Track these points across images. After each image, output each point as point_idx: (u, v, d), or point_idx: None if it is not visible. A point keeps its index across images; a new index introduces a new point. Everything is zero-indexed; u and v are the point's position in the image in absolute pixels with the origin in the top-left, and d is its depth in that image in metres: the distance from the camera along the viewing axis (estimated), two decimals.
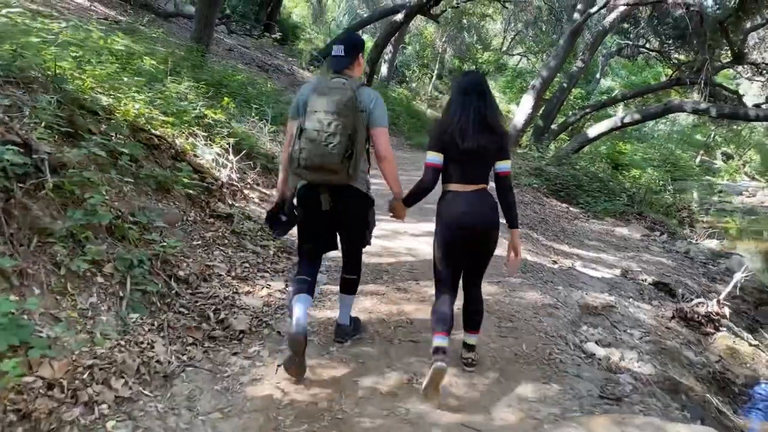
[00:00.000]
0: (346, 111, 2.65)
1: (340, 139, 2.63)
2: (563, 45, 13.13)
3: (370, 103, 2.82)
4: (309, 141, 2.66)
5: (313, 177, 2.76)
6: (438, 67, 25.41)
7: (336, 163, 2.65)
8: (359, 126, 2.71)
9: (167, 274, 3.51)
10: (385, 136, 2.86)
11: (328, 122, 2.63)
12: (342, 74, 2.86)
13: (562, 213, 8.92)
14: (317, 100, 2.70)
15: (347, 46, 2.91)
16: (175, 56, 8.99)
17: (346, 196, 2.85)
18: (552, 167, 10.61)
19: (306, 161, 2.68)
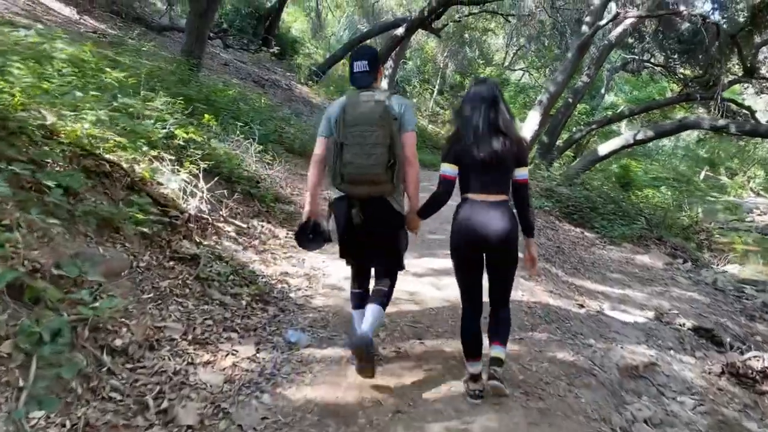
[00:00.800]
0: (383, 121, 2.72)
1: (382, 150, 2.70)
2: (570, 59, 12.37)
3: (400, 108, 2.84)
4: (352, 155, 2.71)
5: (357, 190, 2.81)
6: (439, 82, 24.70)
7: (380, 173, 2.71)
8: (395, 134, 2.77)
9: (98, 344, 2.67)
10: (413, 140, 2.88)
11: (368, 135, 2.70)
12: (368, 88, 2.88)
13: (577, 239, 8.07)
14: (354, 114, 2.76)
15: (370, 60, 2.92)
16: (163, 71, 8.23)
17: (377, 207, 2.86)
18: (563, 187, 9.77)
19: (350, 175, 2.74)
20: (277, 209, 5.69)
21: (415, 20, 16.65)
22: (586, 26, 12.45)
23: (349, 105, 2.81)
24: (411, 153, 2.85)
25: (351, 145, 2.71)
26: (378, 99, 2.77)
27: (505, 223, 2.69)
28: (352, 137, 2.71)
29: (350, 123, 2.74)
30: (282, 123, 11.11)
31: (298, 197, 6.51)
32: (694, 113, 25.32)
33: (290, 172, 7.55)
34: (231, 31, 18.69)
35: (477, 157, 2.69)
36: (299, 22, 22.47)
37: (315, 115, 14.76)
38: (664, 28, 18.65)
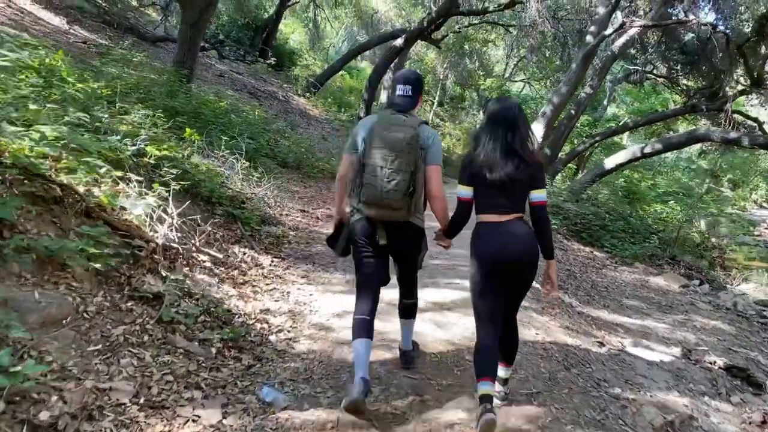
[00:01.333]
0: (409, 149, 2.65)
1: (403, 177, 2.63)
2: (575, 70, 11.88)
3: (428, 140, 2.76)
4: (372, 177, 2.65)
5: (373, 213, 2.73)
6: (439, 93, 24.25)
7: (398, 200, 2.65)
8: (419, 163, 2.70)
9: (18, 420, 2.11)
10: (438, 174, 2.80)
11: (392, 159, 2.63)
12: (404, 113, 2.80)
13: (588, 260, 7.51)
14: (381, 137, 2.68)
15: (414, 86, 2.87)
16: (150, 82, 7.74)
17: (402, 231, 2.82)
18: (570, 203, 9.23)
19: (367, 197, 2.68)
20: (263, 232, 5.15)
21: (415, 31, 16.19)
22: (591, 36, 11.97)
23: (379, 126, 2.73)
24: (435, 188, 2.78)
25: (373, 167, 2.65)
26: (410, 125, 2.70)
27: (524, 241, 2.64)
28: (374, 159, 2.65)
29: (377, 145, 2.67)
30: (276, 136, 10.60)
31: (287, 217, 5.97)
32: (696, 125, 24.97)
33: (281, 189, 7.01)
34: (227, 42, 18.25)
35: (490, 179, 2.61)
36: (297, 33, 22.05)
37: (312, 128, 14.28)
38: (667, 38, 18.26)
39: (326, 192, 8.41)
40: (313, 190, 8.06)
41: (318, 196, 7.76)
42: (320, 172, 9.76)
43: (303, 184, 8.25)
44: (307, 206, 6.75)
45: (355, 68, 23.18)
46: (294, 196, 7.00)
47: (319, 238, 5.52)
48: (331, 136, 14.35)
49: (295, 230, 5.50)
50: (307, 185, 8.31)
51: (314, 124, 14.70)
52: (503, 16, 17.96)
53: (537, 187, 2.66)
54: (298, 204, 6.68)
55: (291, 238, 5.28)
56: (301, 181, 8.43)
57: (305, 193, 7.49)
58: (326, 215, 6.53)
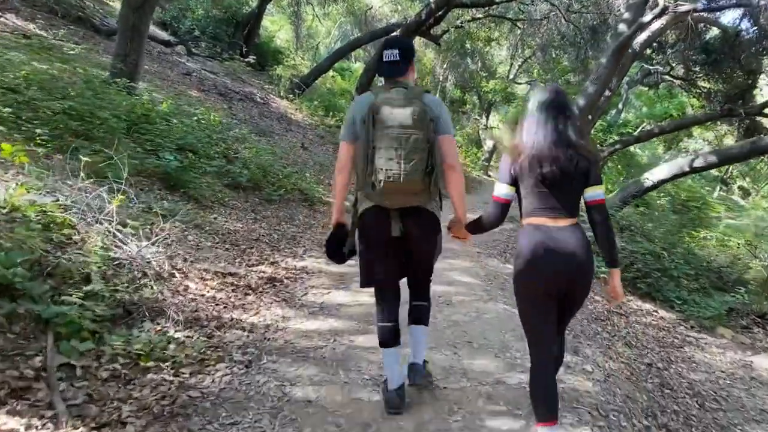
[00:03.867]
0: (422, 123, 2.21)
1: (421, 155, 2.20)
2: (604, 64, 9.35)
3: (437, 109, 2.32)
4: (387, 160, 2.19)
5: (392, 201, 2.31)
6: (438, 96, 21.73)
7: (417, 181, 2.21)
8: (433, 137, 2.25)
9: None
10: (454, 143, 2.37)
11: (405, 138, 2.19)
12: (398, 82, 2.34)
13: (660, 331, 4.97)
14: (386, 115, 2.22)
15: (402, 49, 2.38)
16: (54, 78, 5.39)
17: (418, 219, 2.38)
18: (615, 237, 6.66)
19: (384, 183, 2.20)
20: (108, 350, 2.56)
21: (411, 25, 13.64)
22: (624, 25, 9.42)
23: (380, 103, 2.23)
24: (453, 158, 2.34)
25: (385, 149, 2.18)
26: (413, 97, 2.25)
27: (582, 250, 2.13)
28: (387, 140, 2.18)
29: (384, 124, 2.20)
30: (237, 145, 8.05)
31: (185, 295, 3.38)
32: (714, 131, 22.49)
33: (203, 233, 4.45)
34: (203, 38, 15.70)
35: (541, 175, 2.13)
36: (284, 31, 19.50)
37: (290, 135, 11.70)
38: (689, 36, 15.85)
39: (288, 226, 5.85)
40: (266, 225, 5.50)
41: (270, 235, 5.20)
42: (287, 193, 7.21)
43: (253, 215, 5.69)
44: (241, 261, 4.18)
45: (348, 69, 20.62)
46: (222, 242, 4.44)
47: (235, 341, 2.97)
48: (313, 144, 11.78)
49: (190, 327, 2.94)
50: (260, 217, 5.75)
51: (294, 130, 12.14)
52: (510, 9, 15.40)
53: (593, 183, 2.16)
54: (225, 258, 4.12)
55: (168, 354, 2.69)
56: (252, 210, 5.87)
57: (249, 234, 4.92)
58: (269, 278, 3.98)
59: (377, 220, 2.36)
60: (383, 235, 2.38)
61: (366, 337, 3.14)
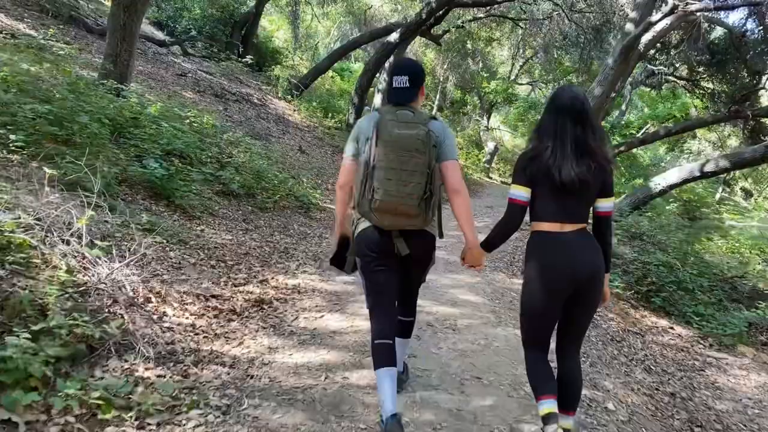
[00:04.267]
0: (424, 147, 2.17)
1: (420, 180, 2.16)
2: (611, 65, 8.98)
3: (441, 136, 2.27)
4: (385, 181, 2.16)
5: (386, 221, 2.24)
6: (439, 98, 21.26)
7: (413, 206, 2.17)
8: (434, 163, 2.21)
9: None
10: (458, 168, 2.32)
11: (406, 160, 2.15)
12: (407, 107, 2.30)
13: (679, 351, 4.59)
14: (391, 136, 2.18)
15: (412, 76, 2.34)
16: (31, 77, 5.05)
17: (420, 241, 2.33)
18: (624, 247, 6.30)
19: (379, 203, 2.17)
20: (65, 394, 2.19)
21: (411, 24, 13.28)
22: (631, 24, 9.06)
23: (385, 123, 2.21)
24: (457, 181, 2.28)
25: (384, 169, 2.15)
26: (419, 121, 2.22)
27: (593, 254, 2.12)
28: (388, 160, 2.15)
29: (388, 145, 2.16)
30: (230, 149, 7.69)
31: (160, 323, 3.01)
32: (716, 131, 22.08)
33: (186, 249, 4.08)
34: (200, 38, 15.33)
35: (557, 180, 2.05)
36: (283, 31, 19.09)
37: (288, 137, 11.33)
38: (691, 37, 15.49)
39: (282, 236, 5.48)
40: (257, 236, 5.13)
41: (261, 248, 4.83)
42: (283, 200, 6.85)
43: (244, 226, 5.32)
44: (227, 280, 3.81)
45: (347, 69, 20.23)
46: (207, 259, 4.06)
47: (213, 380, 2.60)
48: (311, 147, 11.42)
49: (163, 364, 2.56)
50: (252, 227, 5.39)
51: (292, 132, 11.77)
52: (512, 8, 15.01)
53: (607, 194, 2.15)
54: (210, 278, 3.75)
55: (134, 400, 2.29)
56: (243, 219, 5.51)
57: (238, 248, 4.55)
58: (257, 300, 3.61)
59: (376, 239, 2.31)
60: (383, 251, 2.32)
61: (361, 374, 2.77)
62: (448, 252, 5.36)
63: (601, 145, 2.13)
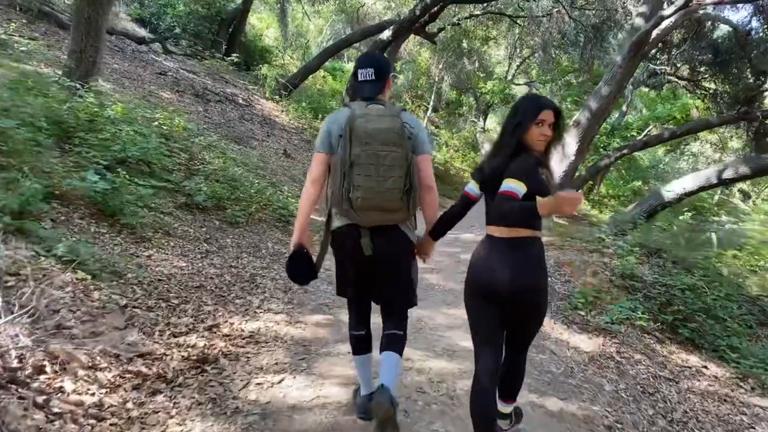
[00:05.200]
0: (401, 140, 2.11)
1: (399, 173, 2.10)
2: (620, 63, 8.17)
3: (414, 128, 2.22)
4: (364, 177, 2.08)
5: (368, 218, 2.15)
6: (434, 98, 20.41)
7: (395, 200, 2.11)
8: (411, 155, 2.15)
9: None
10: (430, 163, 2.28)
11: (384, 154, 2.08)
12: (376, 100, 2.22)
13: (709, 391, 3.78)
14: (366, 130, 2.09)
15: (377, 68, 2.26)
16: None
17: (389, 237, 2.23)
18: (643, 266, 5.48)
19: (361, 200, 2.09)
20: None
21: (405, 21, 12.45)
22: (641, 19, 8.26)
23: (358, 118, 2.11)
24: (429, 176, 2.25)
25: (363, 166, 2.08)
26: (392, 114, 2.15)
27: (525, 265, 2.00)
28: (366, 156, 2.07)
29: (362, 139, 2.08)
30: (204, 154, 6.86)
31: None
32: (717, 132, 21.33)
33: (128, 282, 3.23)
34: (184, 35, 14.46)
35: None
36: (273, 30, 18.20)
37: (272, 140, 10.47)
38: (696, 35, 14.76)
39: (250, 258, 4.64)
40: (219, 260, 4.28)
41: (221, 277, 3.98)
42: (258, 212, 6.01)
43: (206, 247, 4.47)
44: (164, 328, 2.95)
45: (340, 69, 19.37)
46: (145, 297, 3.21)
47: None
48: (298, 150, 10.57)
49: None
50: (215, 248, 4.54)
51: (278, 134, 10.92)
52: (510, 5, 14.19)
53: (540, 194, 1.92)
54: (141, 325, 2.90)
55: None
56: (206, 238, 4.66)
57: (190, 279, 3.69)
58: (198, 357, 2.76)
59: (349, 238, 2.24)
60: (355, 254, 2.25)
61: None
62: (444, 277, 4.55)
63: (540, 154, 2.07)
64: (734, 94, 14.78)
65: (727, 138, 19.79)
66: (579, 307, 4.29)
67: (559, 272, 4.97)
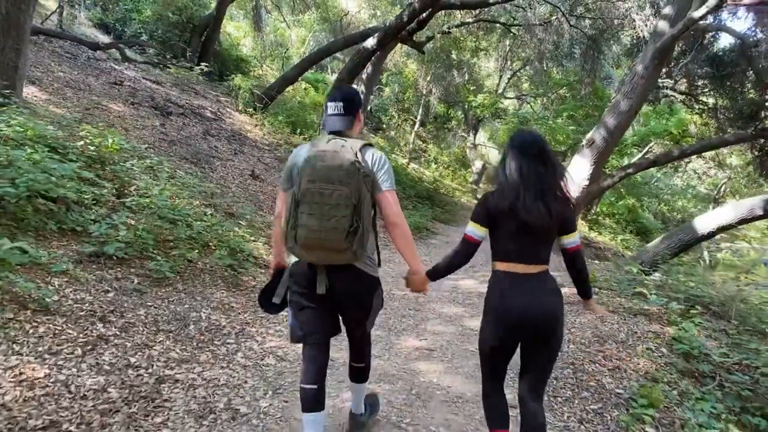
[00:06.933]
0: (349, 178, 1.99)
1: (344, 212, 1.98)
2: (641, 72, 6.85)
3: (374, 165, 2.12)
4: (307, 216, 2.00)
5: (312, 256, 2.07)
6: (421, 112, 19.05)
7: (339, 240, 1.98)
8: (364, 194, 2.02)
9: None
10: (393, 198, 2.14)
11: (329, 193, 1.98)
12: (341, 135, 2.16)
13: None
14: (314, 167, 2.02)
15: (346, 102, 2.20)
16: None
17: (346, 277, 2.11)
18: (710, 339, 4.05)
19: (303, 239, 2.02)
20: None
21: (391, 28, 11.07)
22: (665, 23, 6.95)
23: (312, 154, 2.05)
24: (393, 213, 2.12)
25: (308, 204, 2.00)
26: (345, 149, 2.03)
27: (552, 298, 2.04)
28: (310, 194, 2.00)
29: (310, 176, 2.01)
30: (146, 180, 5.38)
31: None
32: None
33: None
34: (151, 42, 12.94)
35: (517, 219, 2.01)
36: (251, 38, 16.74)
37: (240, 158, 8.95)
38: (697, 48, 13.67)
39: (168, 344, 3.13)
40: (111, 356, 2.77)
41: (97, 397, 2.47)
42: (199, 259, 4.52)
43: (97, 331, 2.96)
44: None
45: (323, 81, 17.95)
46: None
47: None
48: (269, 170, 9.08)
49: None
50: (114, 329, 3.04)
51: (247, 152, 9.42)
52: (503, 14, 12.92)
53: (569, 231, 2.09)
54: None
55: None
56: (102, 317, 3.15)
57: (41, 408, 2.19)
58: None
59: (305, 274, 2.13)
60: (310, 290, 2.13)
61: None
62: (447, 368, 3.09)
63: (563, 184, 2.06)
64: (737, 109, 13.78)
65: (725, 155, 18.73)
66: (646, 421, 2.85)
67: (603, 354, 3.53)
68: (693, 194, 24.47)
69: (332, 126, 2.17)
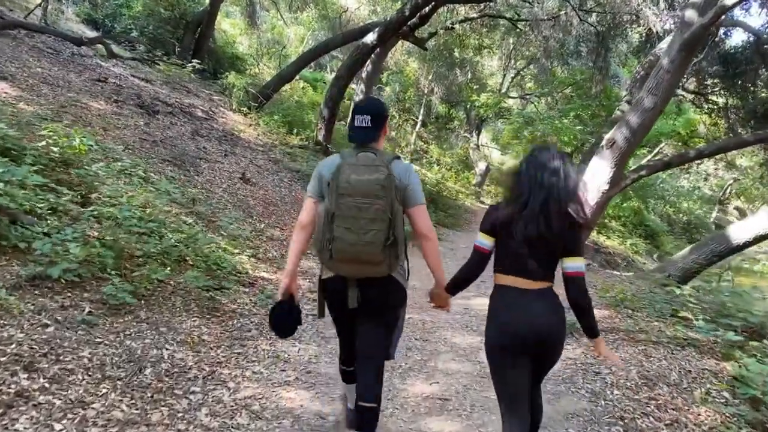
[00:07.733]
0: (384, 192, 1.99)
1: (381, 226, 1.98)
2: (666, 66, 6.16)
3: (405, 178, 2.10)
4: (344, 230, 1.99)
5: (349, 270, 2.08)
6: (423, 112, 18.34)
7: (376, 253, 1.99)
8: (396, 207, 2.03)
9: None
10: (425, 213, 2.17)
11: (366, 207, 1.98)
12: (368, 148, 2.13)
13: None
14: (349, 181, 2.00)
15: (374, 115, 2.16)
16: None
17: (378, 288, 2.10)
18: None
19: (341, 253, 2.00)
20: None
21: (392, 23, 10.38)
22: (693, 12, 6.25)
23: (344, 167, 2.03)
24: (426, 227, 2.15)
25: (343, 218, 1.98)
26: (378, 163, 2.02)
27: (554, 316, 1.95)
28: (346, 208, 1.98)
29: (345, 190, 1.99)
30: (116, 185, 4.69)
31: None
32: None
33: None
34: (141, 39, 12.26)
35: (522, 233, 1.92)
36: (248, 36, 16.06)
37: (230, 160, 8.23)
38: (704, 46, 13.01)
39: (115, 396, 2.44)
40: (27, 423, 2.06)
41: None
42: (170, 279, 3.83)
43: (15, 385, 2.25)
44: None
45: (321, 80, 17.25)
46: None
47: None
48: (262, 172, 8.39)
49: None
50: (48, 379, 2.35)
51: (239, 153, 8.74)
52: (508, 9, 12.22)
53: (574, 254, 1.92)
54: None
55: None
56: (32, 362, 2.45)
57: None
58: None
59: (338, 290, 2.13)
60: (344, 306, 2.12)
61: None
62: (457, 417, 2.39)
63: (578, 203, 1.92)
64: (750, 109, 13.13)
65: (734, 155, 18.06)
66: None
67: (656, 402, 2.83)
68: (698, 196, 23.77)
69: (361, 138, 2.12)
